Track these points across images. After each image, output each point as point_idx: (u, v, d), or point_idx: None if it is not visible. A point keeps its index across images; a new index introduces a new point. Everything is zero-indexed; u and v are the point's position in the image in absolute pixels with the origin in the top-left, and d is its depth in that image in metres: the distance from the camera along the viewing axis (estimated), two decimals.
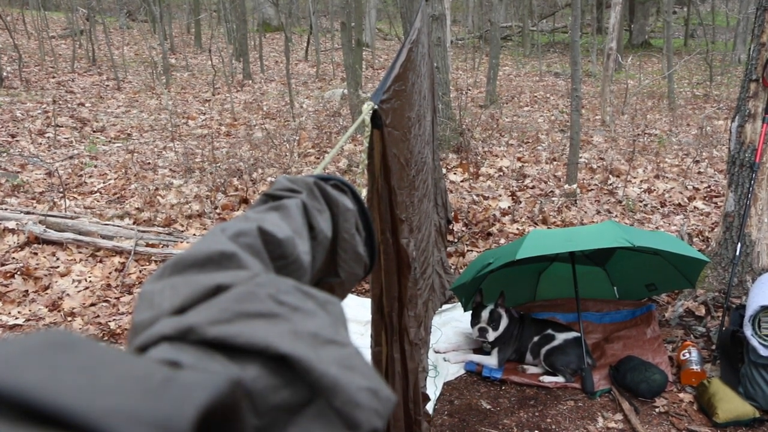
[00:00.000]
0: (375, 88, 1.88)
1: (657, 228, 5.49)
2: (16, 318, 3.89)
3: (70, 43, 15.51)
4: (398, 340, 2.13)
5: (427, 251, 3.16)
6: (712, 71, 13.79)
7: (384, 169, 1.88)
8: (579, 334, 3.46)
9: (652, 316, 3.73)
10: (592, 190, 6.53)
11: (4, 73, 11.90)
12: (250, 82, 14.15)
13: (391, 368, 2.13)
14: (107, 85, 12.55)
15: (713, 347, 3.51)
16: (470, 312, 3.64)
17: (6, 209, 5.36)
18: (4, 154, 7.43)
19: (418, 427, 2.34)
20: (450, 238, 5.12)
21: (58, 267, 4.56)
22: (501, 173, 7.10)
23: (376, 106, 1.70)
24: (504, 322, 3.52)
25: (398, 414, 2.23)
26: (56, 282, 4.36)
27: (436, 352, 3.64)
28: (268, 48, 18.92)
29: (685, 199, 6.24)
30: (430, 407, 3.03)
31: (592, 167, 7.39)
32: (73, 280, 4.41)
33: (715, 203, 6.09)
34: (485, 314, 3.51)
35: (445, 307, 4.11)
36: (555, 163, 7.56)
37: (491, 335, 3.48)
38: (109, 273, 4.53)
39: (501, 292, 3.55)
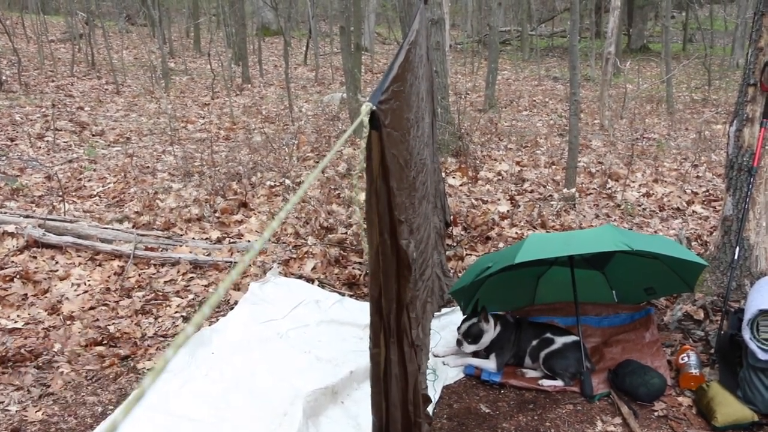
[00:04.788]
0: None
1: (656, 232, 5.50)
2: (15, 322, 3.88)
3: (69, 46, 15.52)
4: (397, 342, 2.13)
5: (426, 253, 3.16)
6: (710, 76, 13.82)
7: (382, 170, 1.88)
8: (578, 338, 3.46)
9: (650, 320, 3.73)
10: (590, 194, 6.54)
11: (4, 77, 11.91)
12: (249, 86, 14.16)
13: (389, 370, 2.12)
14: (106, 89, 12.55)
15: (712, 351, 3.51)
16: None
17: (5, 213, 5.36)
18: (4, 158, 7.42)
19: (417, 429, 2.33)
20: (449, 241, 5.12)
21: (58, 271, 4.56)
22: (500, 177, 7.11)
23: (374, 107, 1.70)
24: (489, 335, 3.55)
25: (396, 416, 2.22)
26: (55, 285, 4.36)
27: (435, 355, 3.64)
28: (267, 52, 18.94)
29: (684, 203, 6.25)
30: (429, 410, 3.02)
31: (590, 171, 7.40)
32: (73, 284, 4.40)
33: (714, 207, 6.10)
34: (464, 327, 3.58)
35: (444, 310, 4.11)
36: (554, 167, 7.57)
37: (467, 348, 3.55)
38: (109, 276, 4.53)
39: (483, 308, 3.59)
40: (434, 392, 3.26)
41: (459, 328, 3.63)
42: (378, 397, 2.14)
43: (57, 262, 4.69)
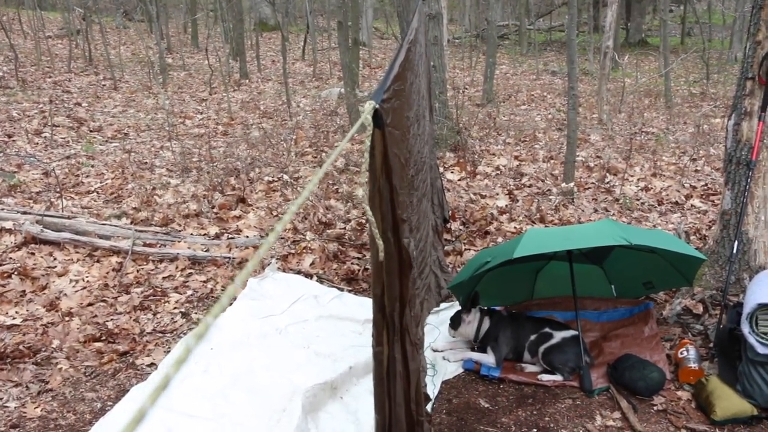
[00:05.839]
0: (372, 87, 1.85)
1: (654, 226, 5.50)
2: (14, 318, 3.88)
3: (66, 42, 15.46)
4: (399, 341, 2.12)
5: (425, 251, 3.15)
6: (708, 69, 13.81)
7: (385, 169, 1.87)
8: (577, 333, 3.46)
9: (649, 315, 3.73)
10: (589, 188, 6.53)
11: (1, 73, 11.87)
12: (247, 81, 14.12)
13: (392, 369, 2.12)
14: (104, 85, 12.51)
15: (711, 345, 3.52)
16: None
17: (3, 209, 5.34)
18: (1, 154, 7.40)
19: (420, 428, 2.33)
20: (447, 236, 5.12)
21: (56, 267, 4.55)
22: (498, 172, 7.10)
23: (377, 106, 1.69)
24: (470, 326, 3.62)
25: (400, 415, 2.21)
26: (54, 282, 4.35)
27: (435, 350, 3.64)
28: (265, 47, 18.89)
29: (682, 197, 6.25)
30: (428, 406, 3.03)
31: (589, 165, 7.39)
32: (71, 280, 4.40)
33: (712, 201, 6.10)
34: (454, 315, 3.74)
35: (442, 305, 4.11)
36: (552, 161, 7.56)
37: (451, 332, 3.71)
38: (107, 273, 4.52)
39: (470, 299, 3.70)
40: (433, 387, 3.26)
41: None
42: (381, 395, 2.13)
43: (55, 259, 4.68)
